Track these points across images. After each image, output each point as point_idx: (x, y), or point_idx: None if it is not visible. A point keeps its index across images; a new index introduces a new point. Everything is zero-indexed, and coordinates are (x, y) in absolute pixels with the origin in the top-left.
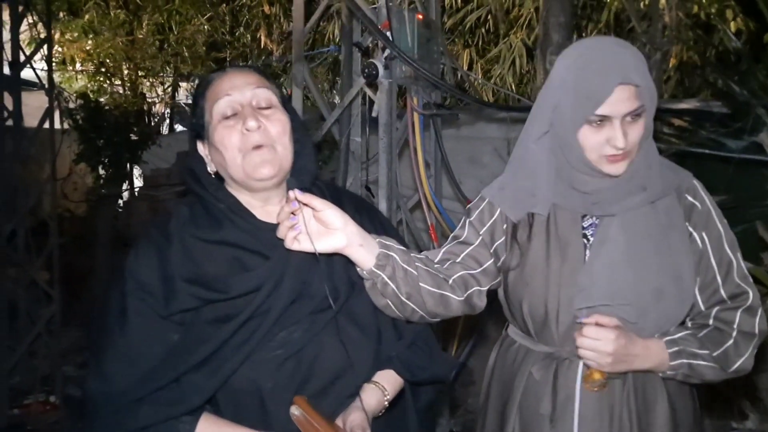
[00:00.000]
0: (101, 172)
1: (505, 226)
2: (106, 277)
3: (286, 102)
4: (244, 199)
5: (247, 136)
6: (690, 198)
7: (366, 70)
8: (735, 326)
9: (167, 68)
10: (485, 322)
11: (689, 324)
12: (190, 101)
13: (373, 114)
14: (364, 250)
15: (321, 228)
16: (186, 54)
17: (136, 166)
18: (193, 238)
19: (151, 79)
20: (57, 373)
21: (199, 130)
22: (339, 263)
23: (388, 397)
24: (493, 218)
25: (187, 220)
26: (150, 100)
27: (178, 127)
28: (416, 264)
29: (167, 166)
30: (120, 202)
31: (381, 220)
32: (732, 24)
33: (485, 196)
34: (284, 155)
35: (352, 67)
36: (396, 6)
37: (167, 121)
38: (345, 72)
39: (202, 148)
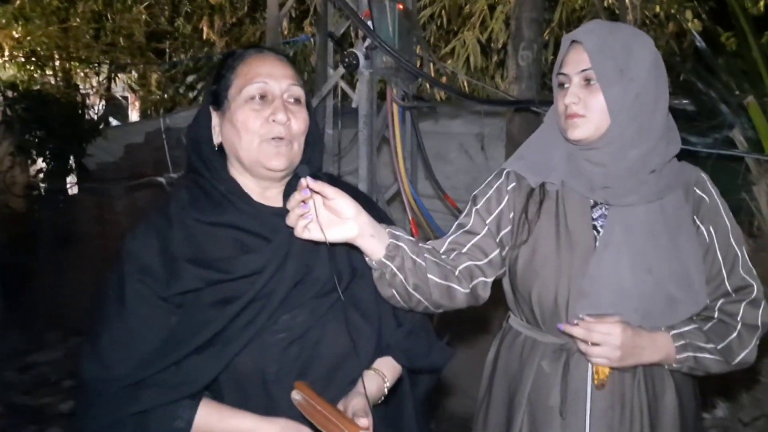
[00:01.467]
0: (42, 165)
1: (512, 214)
2: (50, 278)
3: (308, 101)
4: (243, 181)
5: (272, 125)
6: (699, 191)
7: (346, 60)
8: (739, 319)
9: (103, 59)
10: (458, 321)
11: (694, 317)
12: (126, 94)
13: (353, 105)
14: (375, 240)
15: (332, 217)
16: (123, 44)
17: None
18: (195, 220)
19: (85, 70)
20: None
21: (219, 100)
22: (341, 248)
23: (387, 384)
24: (500, 207)
25: (186, 204)
26: (84, 92)
27: (114, 121)
28: (425, 255)
29: (114, 159)
30: (62, 197)
31: (379, 212)
32: (690, 24)
33: (505, 167)
34: (297, 153)
35: (326, 58)
36: None
37: (102, 113)
38: (319, 63)
39: (214, 117)
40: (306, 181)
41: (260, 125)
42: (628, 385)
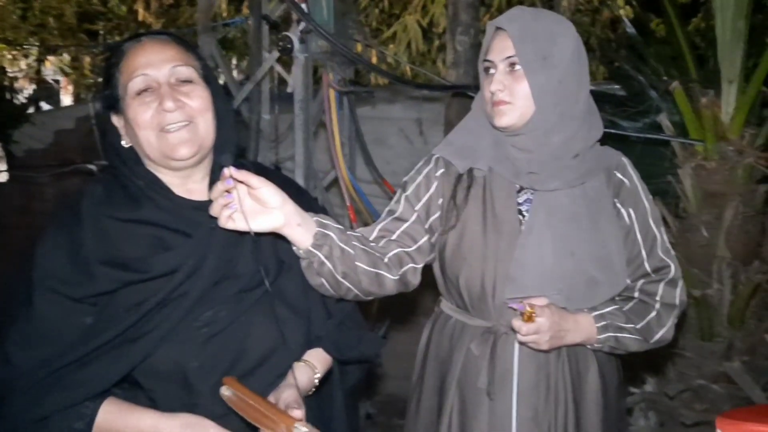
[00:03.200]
0: None
1: (441, 200)
2: None
3: (208, 74)
4: (163, 177)
5: (163, 115)
6: (619, 175)
7: (280, 44)
8: (658, 298)
9: (31, 39)
10: (398, 306)
11: (615, 297)
12: (58, 78)
13: (288, 90)
14: (302, 229)
15: (257, 206)
16: (53, 25)
17: None
18: (109, 218)
19: (12, 51)
20: None
21: (112, 103)
22: (266, 241)
23: (318, 375)
24: (429, 193)
25: (102, 200)
26: (12, 75)
27: (46, 105)
28: (353, 243)
29: (43, 146)
30: None
31: (305, 201)
32: (622, 11)
33: (434, 153)
34: (205, 132)
35: (261, 41)
36: None
37: (29, 98)
38: (254, 46)
39: (116, 121)
40: (229, 170)
41: (151, 117)
42: (552, 366)
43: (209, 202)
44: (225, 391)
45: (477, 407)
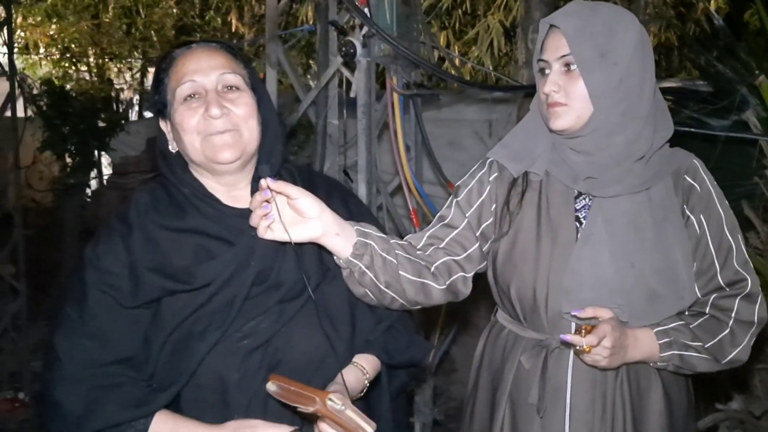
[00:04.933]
0: (68, 160)
1: (494, 206)
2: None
3: (255, 81)
4: (208, 183)
5: (209, 121)
6: (689, 179)
7: (343, 49)
8: (732, 314)
9: (135, 53)
10: (468, 310)
11: (686, 311)
12: None
13: (351, 94)
14: (340, 239)
15: (295, 216)
16: (154, 38)
17: (104, 154)
18: (157, 226)
19: (118, 65)
20: (25, 369)
21: (161, 108)
22: (310, 249)
23: (368, 376)
24: (482, 198)
25: (149, 208)
26: (118, 86)
27: (148, 114)
28: (396, 252)
29: (136, 153)
30: (88, 191)
31: (352, 205)
32: (712, 2)
33: (488, 156)
34: (249, 138)
35: (328, 47)
36: None
37: (136, 107)
38: (321, 51)
39: (164, 126)
40: (266, 182)
41: (197, 123)
42: (610, 384)
43: (251, 210)
44: (271, 386)
45: (528, 423)
